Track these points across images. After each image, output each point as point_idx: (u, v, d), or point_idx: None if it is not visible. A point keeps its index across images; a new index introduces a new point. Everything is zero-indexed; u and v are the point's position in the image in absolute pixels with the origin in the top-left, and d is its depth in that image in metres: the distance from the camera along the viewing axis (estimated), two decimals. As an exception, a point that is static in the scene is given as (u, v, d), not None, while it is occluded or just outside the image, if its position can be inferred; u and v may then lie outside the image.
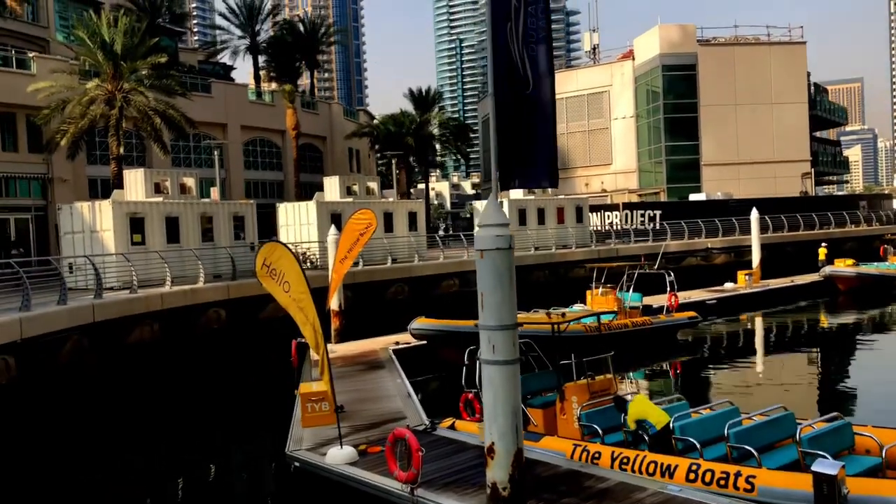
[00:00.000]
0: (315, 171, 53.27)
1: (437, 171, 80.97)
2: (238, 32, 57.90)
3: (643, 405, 11.47)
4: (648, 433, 11.17)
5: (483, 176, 73.13)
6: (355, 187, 33.73)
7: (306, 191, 48.18)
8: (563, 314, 14.62)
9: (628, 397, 12.20)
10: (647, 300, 27.36)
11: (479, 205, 41.16)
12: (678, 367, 24.33)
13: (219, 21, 64.02)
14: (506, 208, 38.37)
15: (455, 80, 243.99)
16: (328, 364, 12.71)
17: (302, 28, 59.02)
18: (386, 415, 15.07)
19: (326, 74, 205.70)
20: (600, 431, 11.77)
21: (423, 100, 61.72)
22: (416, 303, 29.28)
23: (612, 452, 11.01)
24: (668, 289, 27.14)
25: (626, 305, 25.81)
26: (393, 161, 47.21)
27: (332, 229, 25.53)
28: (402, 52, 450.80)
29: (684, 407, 12.28)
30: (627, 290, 26.38)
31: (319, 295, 27.20)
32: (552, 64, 9.11)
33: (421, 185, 69.67)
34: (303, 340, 19.50)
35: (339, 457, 12.10)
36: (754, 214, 38.17)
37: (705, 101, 56.18)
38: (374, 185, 34.73)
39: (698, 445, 10.39)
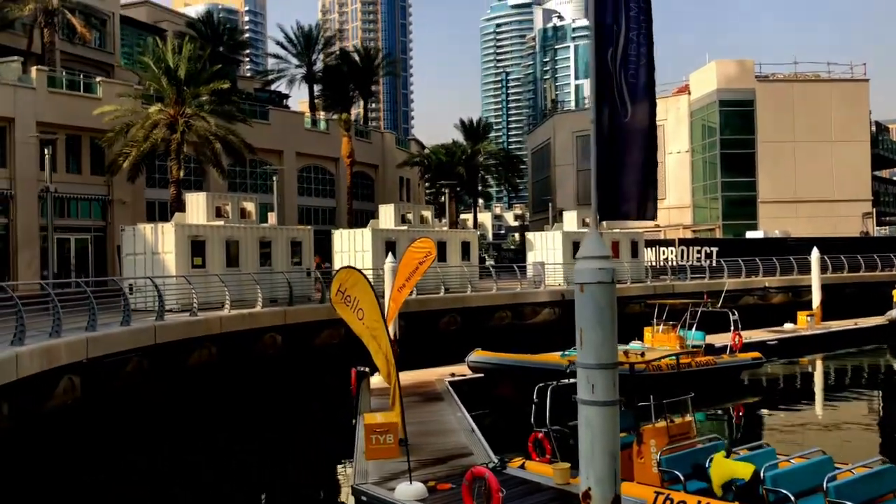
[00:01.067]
0: (366, 198, 53.51)
1: (481, 201, 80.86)
2: (294, 61, 58.82)
3: (726, 467, 10.84)
4: (736, 484, 10.57)
5: (532, 207, 72.83)
6: (409, 215, 33.65)
7: (358, 218, 48.38)
8: (643, 353, 14.11)
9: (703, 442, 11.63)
10: (709, 339, 26.57)
11: (532, 236, 40.73)
12: (741, 410, 23.48)
13: (275, 50, 65.08)
14: (559, 240, 37.95)
15: (500, 113, 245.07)
16: (400, 396, 12.38)
17: (357, 58, 59.71)
18: (451, 450, 14.64)
19: (374, 104, 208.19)
20: (682, 478, 11.19)
21: (474, 130, 61.82)
22: (468, 334, 28.90)
23: (699, 502, 10.43)
24: (733, 328, 26.34)
25: (689, 344, 25.07)
26: (445, 191, 47.17)
27: (390, 257, 25.41)
28: (447, 83, 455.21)
29: (772, 454, 11.65)
30: (690, 329, 25.65)
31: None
32: (653, 91, 8.77)
33: (464, 215, 69.62)
34: (362, 369, 19.29)
35: (408, 493, 11.71)
36: (815, 254, 37.13)
37: (763, 138, 55.22)
38: (428, 214, 34.62)
39: (792, 499, 9.77)
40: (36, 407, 14.60)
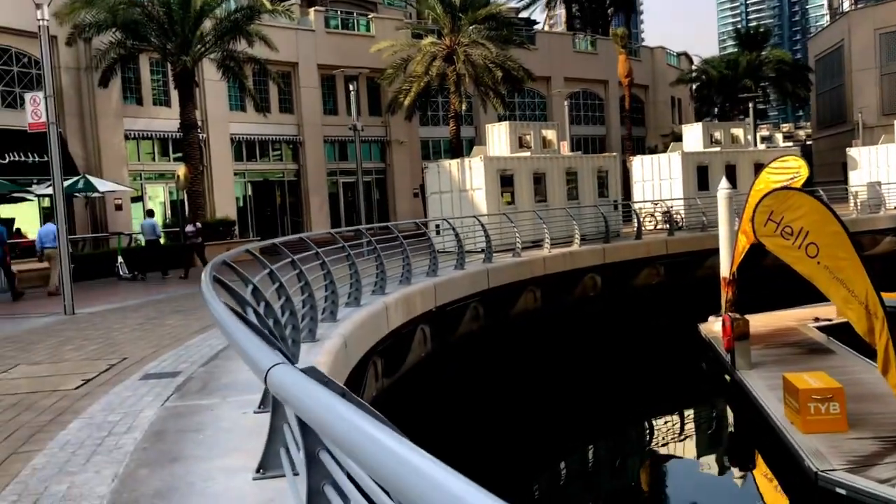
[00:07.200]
0: (635, 123, 49.24)
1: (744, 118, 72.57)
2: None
3: None
4: None
5: (816, 123, 64.00)
6: (718, 135, 29.42)
7: (631, 145, 44.56)
8: None
9: None
10: None
11: (854, 152, 34.71)
12: None
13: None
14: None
15: (741, 24, 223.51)
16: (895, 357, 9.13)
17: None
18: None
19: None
20: None
21: (752, 38, 54.77)
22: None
23: None
24: None
25: None
26: (751, 105, 41.72)
27: (724, 182, 21.61)
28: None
29: None
30: None
31: (689, 261, 23.71)
32: None
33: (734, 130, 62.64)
34: (736, 316, 16.20)
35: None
36: None
37: None
38: (739, 133, 30.14)
39: None
40: (398, 365, 13.13)
